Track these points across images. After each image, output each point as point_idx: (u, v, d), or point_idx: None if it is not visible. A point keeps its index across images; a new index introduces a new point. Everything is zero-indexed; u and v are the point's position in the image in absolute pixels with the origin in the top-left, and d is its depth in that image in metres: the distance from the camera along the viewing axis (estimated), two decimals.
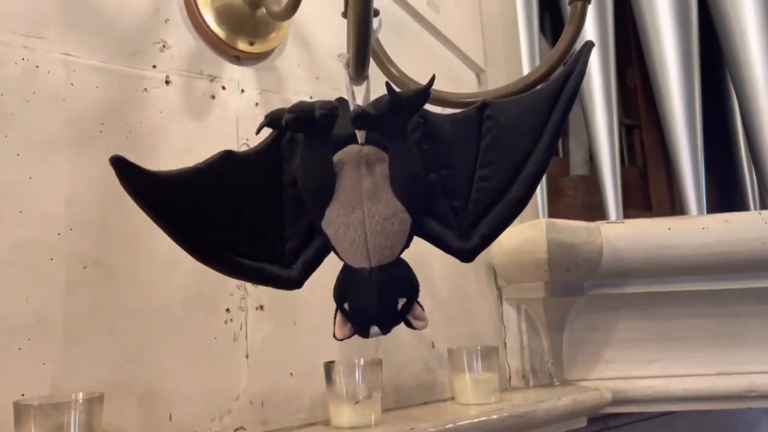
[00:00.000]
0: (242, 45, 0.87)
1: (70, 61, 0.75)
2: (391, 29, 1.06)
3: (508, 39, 1.26)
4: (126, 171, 0.48)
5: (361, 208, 0.54)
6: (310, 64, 0.97)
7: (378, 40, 0.74)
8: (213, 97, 0.86)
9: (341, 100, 0.61)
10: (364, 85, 0.60)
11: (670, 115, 1.45)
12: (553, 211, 1.42)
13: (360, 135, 0.57)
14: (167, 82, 0.82)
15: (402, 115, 0.53)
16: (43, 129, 0.72)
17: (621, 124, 1.66)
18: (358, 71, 0.57)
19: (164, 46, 0.83)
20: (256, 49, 0.89)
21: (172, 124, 0.82)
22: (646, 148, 1.84)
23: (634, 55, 1.81)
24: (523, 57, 1.33)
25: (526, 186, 0.56)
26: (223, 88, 0.87)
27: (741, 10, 1.35)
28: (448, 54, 1.17)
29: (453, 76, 1.18)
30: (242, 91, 0.89)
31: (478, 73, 1.21)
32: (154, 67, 0.81)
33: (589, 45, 0.55)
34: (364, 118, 0.52)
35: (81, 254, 0.72)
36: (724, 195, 1.78)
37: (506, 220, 0.57)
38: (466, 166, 0.58)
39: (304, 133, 0.54)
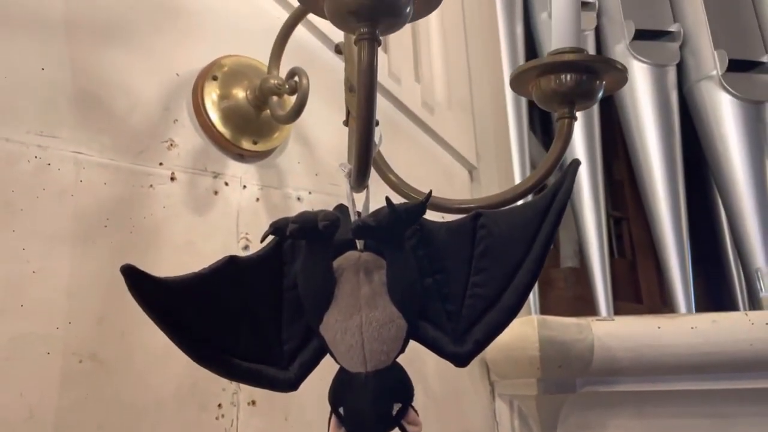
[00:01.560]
0: (246, 144, 0.91)
1: (81, 159, 0.78)
2: (389, 127, 1.12)
3: (499, 137, 1.32)
4: (136, 280, 0.50)
5: (359, 314, 0.55)
6: (310, 161, 1.01)
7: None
8: (216, 192, 0.89)
9: (341, 207, 0.64)
10: (364, 192, 0.63)
11: (655, 210, 1.50)
12: (545, 303, 1.44)
13: (359, 241, 0.60)
14: (172, 179, 0.85)
15: (400, 227, 0.55)
16: (50, 224, 0.74)
17: (609, 216, 1.71)
18: (359, 182, 0.60)
19: (171, 145, 0.86)
20: (259, 147, 0.93)
21: (175, 218, 0.84)
22: (635, 240, 1.88)
23: (620, 147, 1.88)
24: (514, 154, 1.38)
25: (518, 294, 0.58)
26: (226, 184, 0.90)
27: (719, 112, 1.42)
28: (442, 152, 1.22)
29: (447, 173, 1.22)
30: (244, 187, 0.92)
31: (471, 170, 1.26)
32: (160, 164, 0.85)
33: (575, 163, 0.58)
34: (364, 230, 0.54)
35: (77, 348, 0.72)
36: (712, 287, 1.80)
37: (499, 326, 0.59)
38: (460, 272, 0.60)
39: (307, 240, 0.56)
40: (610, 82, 0.68)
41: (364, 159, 0.58)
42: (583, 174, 1.50)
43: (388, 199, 0.54)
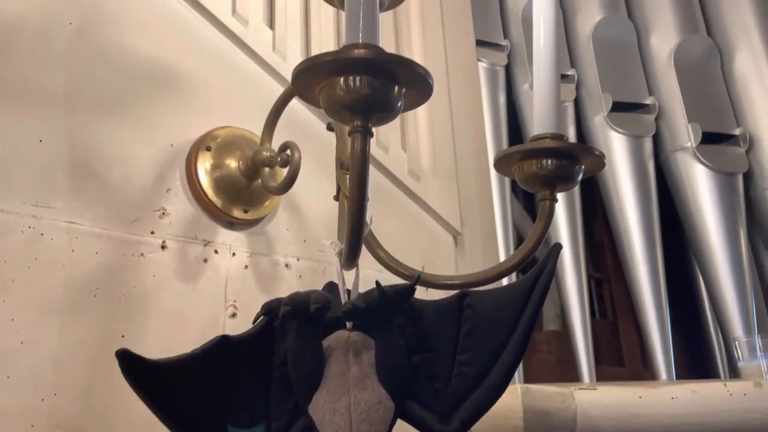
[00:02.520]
0: (237, 212, 0.93)
1: (74, 229, 0.79)
2: (378, 194, 1.14)
3: (482, 203, 1.35)
4: (130, 364, 0.51)
5: (347, 395, 0.56)
6: (299, 228, 1.03)
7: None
8: (205, 260, 0.90)
9: (331, 285, 0.66)
10: (354, 270, 0.65)
11: (634, 274, 1.53)
12: (528, 367, 1.45)
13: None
14: (163, 247, 0.86)
15: (389, 309, 0.57)
16: (40, 294, 0.74)
17: (590, 277, 1.74)
18: (350, 261, 0.62)
19: (163, 214, 0.88)
20: (249, 216, 0.95)
21: (164, 287, 0.85)
22: (616, 301, 1.91)
23: (599, 210, 1.93)
24: (497, 219, 1.42)
25: (504, 373, 0.59)
26: (216, 251, 0.92)
27: (694, 182, 1.47)
28: (428, 217, 1.24)
29: (432, 238, 1.25)
30: (233, 254, 0.94)
31: (455, 235, 1.29)
32: (152, 233, 0.86)
33: (557, 247, 0.61)
34: (354, 312, 0.56)
35: (62, 420, 0.72)
36: (693, 350, 1.82)
37: (486, 405, 0.60)
38: (447, 350, 0.61)
39: (298, 321, 0.57)
40: (588, 165, 0.72)
41: (356, 240, 0.60)
42: (564, 236, 1.54)
43: (378, 282, 0.56)
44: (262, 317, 0.61)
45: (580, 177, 0.72)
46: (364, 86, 0.52)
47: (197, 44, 0.98)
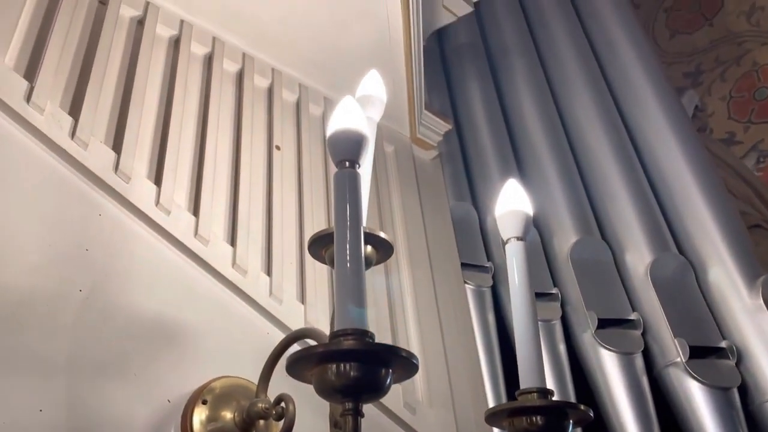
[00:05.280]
0: None
1: None
2: (372, 429, 1.13)
3: (480, 430, 1.33)
4: None
5: None
6: None
7: None
8: None
9: None
10: None
11: None
12: None
13: None
14: None
15: None
16: None
17: None
18: None
19: None
20: None
21: None
22: None
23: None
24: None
25: None
26: None
27: (690, 398, 1.46)
28: None
29: None
30: None
31: None
32: None
33: None
34: None
35: None
36: None
37: None
38: None
39: None
40: (576, 418, 0.74)
41: None
42: None
43: None
44: None
45: (570, 428, 0.74)
46: (354, 371, 0.56)
47: (198, 296, 1.04)
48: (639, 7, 3.55)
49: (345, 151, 0.73)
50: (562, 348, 1.53)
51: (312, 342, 0.88)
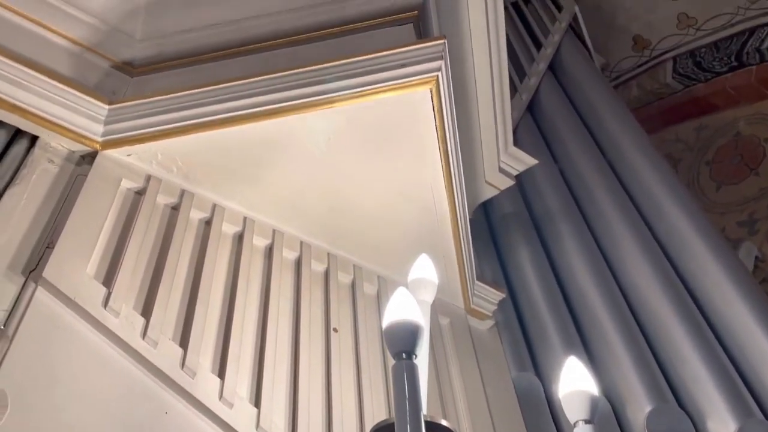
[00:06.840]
0: None
1: None
2: None
3: None
4: None
5: None
6: None
7: None
8: None
9: None
10: None
11: None
12: None
13: None
14: None
15: None
16: None
17: None
18: None
19: None
20: None
21: None
22: None
23: None
24: None
25: None
26: None
27: None
28: None
29: None
30: None
31: None
32: None
33: None
34: None
35: None
36: None
37: None
38: None
39: None
40: None
41: None
42: None
43: None
44: None
45: None
46: None
47: None
48: (680, 162, 3.62)
49: (401, 342, 0.75)
50: None
51: None
